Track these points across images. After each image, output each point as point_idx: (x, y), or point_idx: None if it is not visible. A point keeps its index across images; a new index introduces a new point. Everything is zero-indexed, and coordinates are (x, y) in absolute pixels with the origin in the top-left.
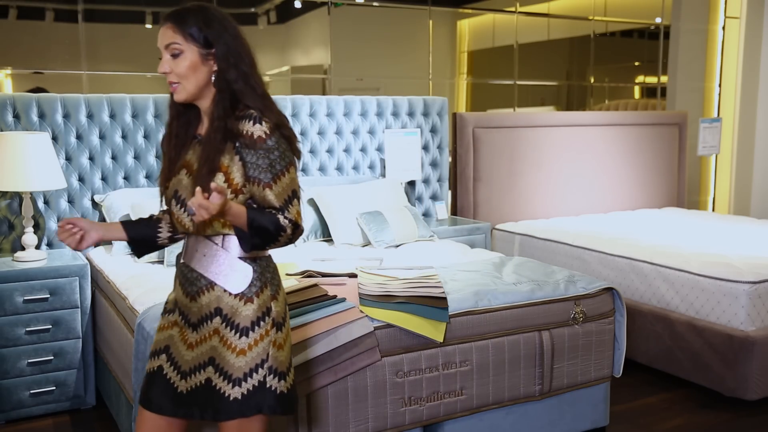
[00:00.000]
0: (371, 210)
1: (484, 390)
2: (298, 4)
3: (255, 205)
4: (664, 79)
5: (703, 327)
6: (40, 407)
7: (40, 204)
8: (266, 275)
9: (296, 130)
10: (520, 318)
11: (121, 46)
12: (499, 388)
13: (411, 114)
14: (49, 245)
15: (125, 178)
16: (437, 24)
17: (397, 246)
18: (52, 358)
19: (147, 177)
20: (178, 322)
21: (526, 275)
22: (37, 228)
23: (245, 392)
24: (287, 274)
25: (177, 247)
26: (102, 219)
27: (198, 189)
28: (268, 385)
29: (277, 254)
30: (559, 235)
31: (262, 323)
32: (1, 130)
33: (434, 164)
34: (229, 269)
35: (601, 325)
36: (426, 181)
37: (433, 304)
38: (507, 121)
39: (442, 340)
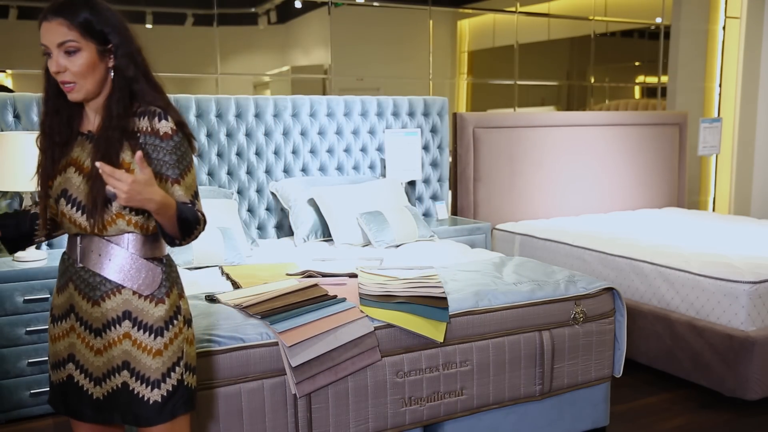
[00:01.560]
0: (371, 210)
1: (485, 390)
2: (298, 4)
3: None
4: (664, 79)
5: (704, 327)
6: (41, 407)
7: None
8: (172, 275)
9: (296, 130)
10: (521, 318)
11: None
12: (500, 388)
13: (411, 114)
14: (50, 245)
15: None
16: (437, 24)
17: (398, 246)
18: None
19: None
20: (75, 329)
21: (527, 275)
22: None
23: (165, 393)
24: (287, 274)
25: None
26: None
27: (108, 169)
28: (185, 383)
29: (277, 254)
30: (559, 235)
31: (175, 321)
32: (2, 130)
33: (434, 164)
34: (137, 271)
35: (602, 325)
36: (426, 181)
37: (433, 304)
38: (507, 121)
39: (442, 340)
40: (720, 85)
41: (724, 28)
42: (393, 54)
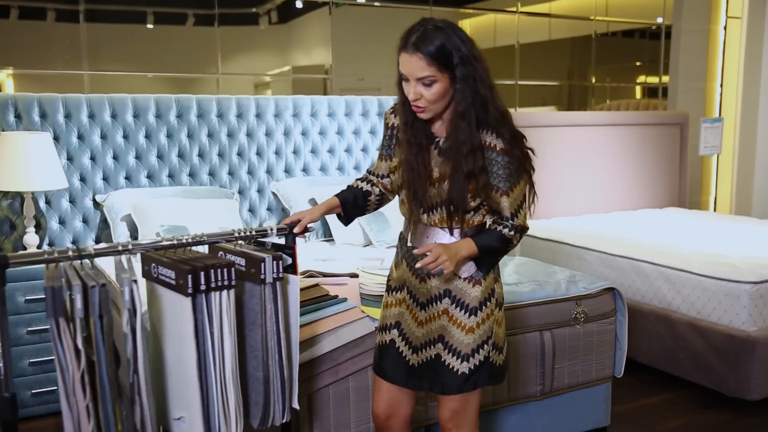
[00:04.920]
0: None
1: (485, 390)
2: (299, 4)
3: (489, 208)
4: (665, 79)
5: (705, 327)
6: (42, 407)
7: (42, 204)
8: None
9: (298, 130)
10: (522, 318)
11: (122, 46)
12: (500, 388)
13: None
14: (51, 245)
15: (126, 178)
16: None
17: None
18: (54, 357)
19: (148, 177)
20: (405, 300)
21: (528, 275)
22: (39, 228)
23: (472, 367)
24: None
25: None
26: (103, 219)
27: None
28: (491, 360)
29: None
30: (560, 235)
31: (488, 303)
32: (3, 130)
33: None
34: None
35: (603, 325)
36: None
37: None
38: None
39: None
40: (721, 85)
41: (725, 28)
42: (394, 54)
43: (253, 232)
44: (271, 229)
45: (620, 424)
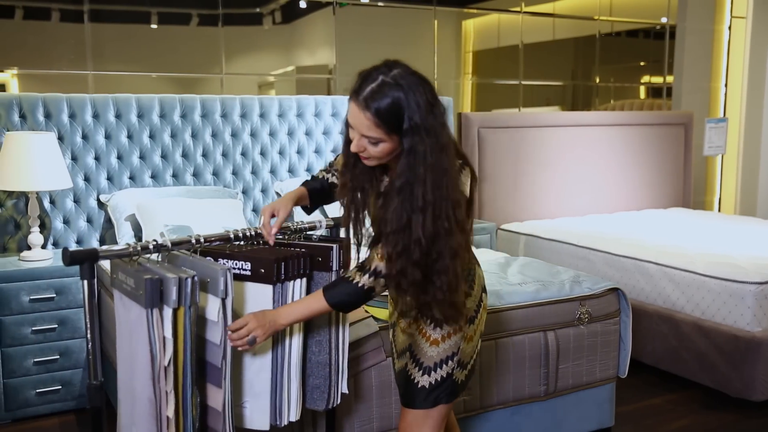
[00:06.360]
0: None
1: (489, 390)
2: (303, 4)
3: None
4: (669, 79)
5: (709, 328)
6: (46, 406)
7: (46, 204)
8: (468, 277)
9: (301, 130)
10: (526, 318)
11: (126, 47)
12: (504, 389)
13: None
14: (55, 245)
15: (131, 177)
16: (442, 24)
17: None
18: (58, 357)
19: (152, 177)
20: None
21: (532, 275)
22: (43, 227)
23: (433, 382)
24: None
25: None
26: (108, 219)
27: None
28: (454, 377)
29: None
30: (564, 235)
31: None
32: (8, 130)
33: None
34: None
35: (607, 326)
36: None
37: None
38: (512, 121)
39: None
40: (726, 85)
41: (729, 27)
42: (397, 54)
43: (305, 225)
44: (320, 223)
45: (624, 425)
